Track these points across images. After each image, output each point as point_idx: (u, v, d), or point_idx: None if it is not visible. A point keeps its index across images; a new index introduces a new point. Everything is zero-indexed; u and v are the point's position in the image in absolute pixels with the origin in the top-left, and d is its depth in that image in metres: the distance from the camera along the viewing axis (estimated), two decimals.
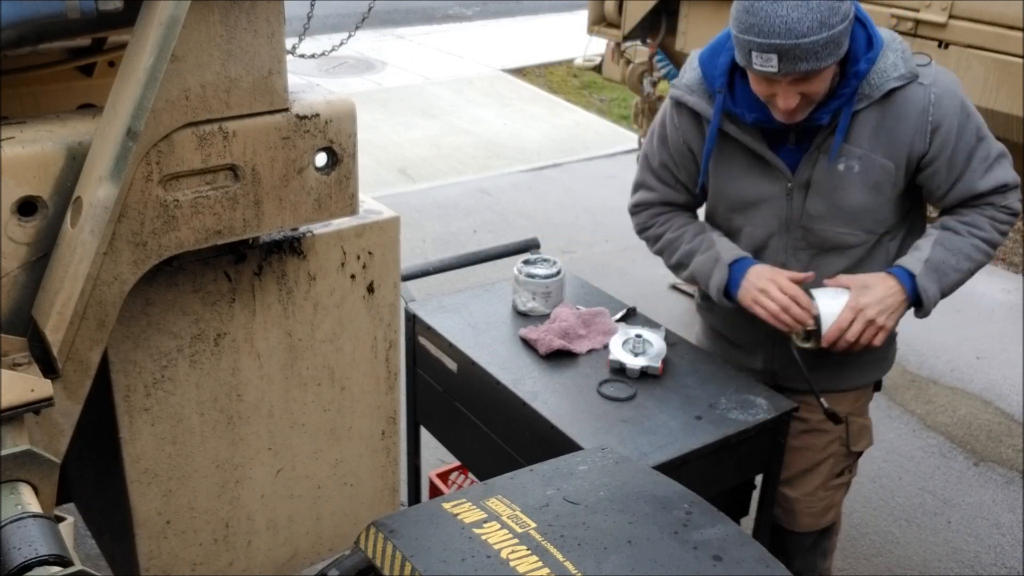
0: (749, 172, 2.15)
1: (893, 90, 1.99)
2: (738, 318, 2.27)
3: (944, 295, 2.12)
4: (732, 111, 2.08)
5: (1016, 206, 2.12)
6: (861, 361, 2.28)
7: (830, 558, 2.59)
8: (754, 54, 1.87)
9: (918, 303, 2.10)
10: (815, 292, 2.12)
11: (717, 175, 2.20)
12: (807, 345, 2.14)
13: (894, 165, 2.05)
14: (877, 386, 2.43)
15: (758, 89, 1.98)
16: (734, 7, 1.90)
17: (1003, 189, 2.10)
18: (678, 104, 2.19)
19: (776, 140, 2.11)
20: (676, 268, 2.35)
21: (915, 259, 2.10)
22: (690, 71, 2.17)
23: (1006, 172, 2.10)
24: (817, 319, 2.09)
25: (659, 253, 2.38)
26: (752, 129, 2.10)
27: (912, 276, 2.09)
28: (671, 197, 2.32)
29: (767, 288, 2.11)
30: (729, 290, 2.19)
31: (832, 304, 2.09)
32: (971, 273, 2.14)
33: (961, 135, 2.03)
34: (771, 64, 1.86)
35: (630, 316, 2.47)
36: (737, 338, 2.38)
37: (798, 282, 2.13)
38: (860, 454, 2.44)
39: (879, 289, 2.09)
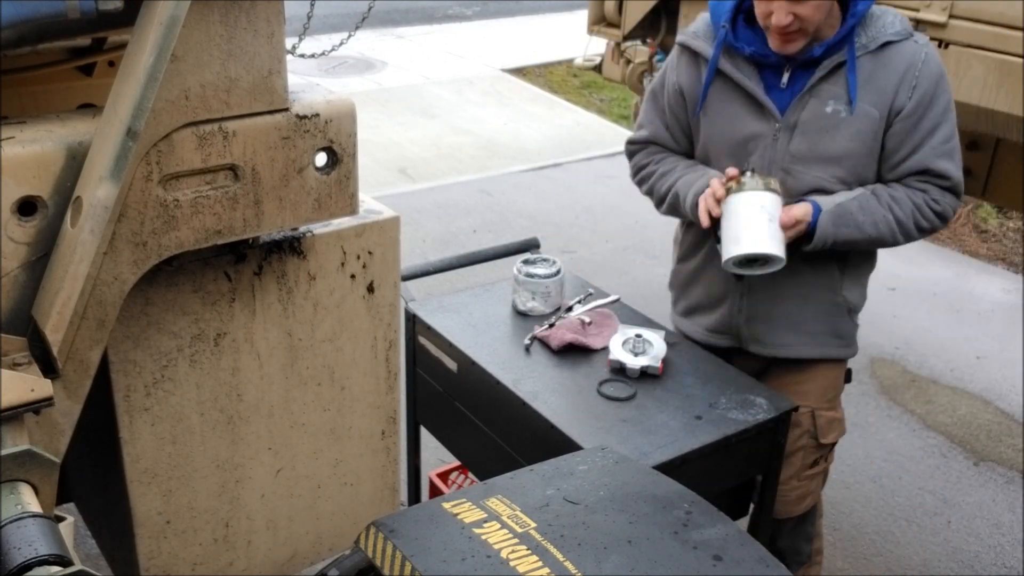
0: (740, 113, 2.23)
1: (887, 44, 2.10)
2: (706, 273, 2.40)
3: (835, 245, 2.17)
4: (732, 45, 2.18)
5: (945, 210, 2.18)
6: (813, 331, 2.36)
7: (816, 540, 2.66)
8: None
9: (810, 236, 2.16)
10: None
11: (709, 115, 2.28)
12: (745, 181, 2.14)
13: (878, 113, 2.12)
14: (847, 378, 2.50)
15: (758, 8, 2.09)
16: None
17: (947, 181, 2.15)
18: (681, 48, 2.31)
19: (770, 83, 2.20)
20: (662, 199, 2.39)
21: (830, 199, 2.16)
22: (698, 20, 2.29)
23: (957, 166, 2.16)
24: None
25: (649, 187, 2.43)
26: (748, 68, 2.20)
27: (819, 211, 2.15)
28: (661, 136, 2.40)
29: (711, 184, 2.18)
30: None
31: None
32: (870, 242, 2.20)
33: (934, 103, 2.11)
34: None
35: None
36: (704, 295, 2.44)
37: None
38: (833, 445, 2.51)
39: (797, 209, 2.13)
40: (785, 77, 2.18)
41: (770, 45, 2.13)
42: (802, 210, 2.13)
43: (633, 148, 2.47)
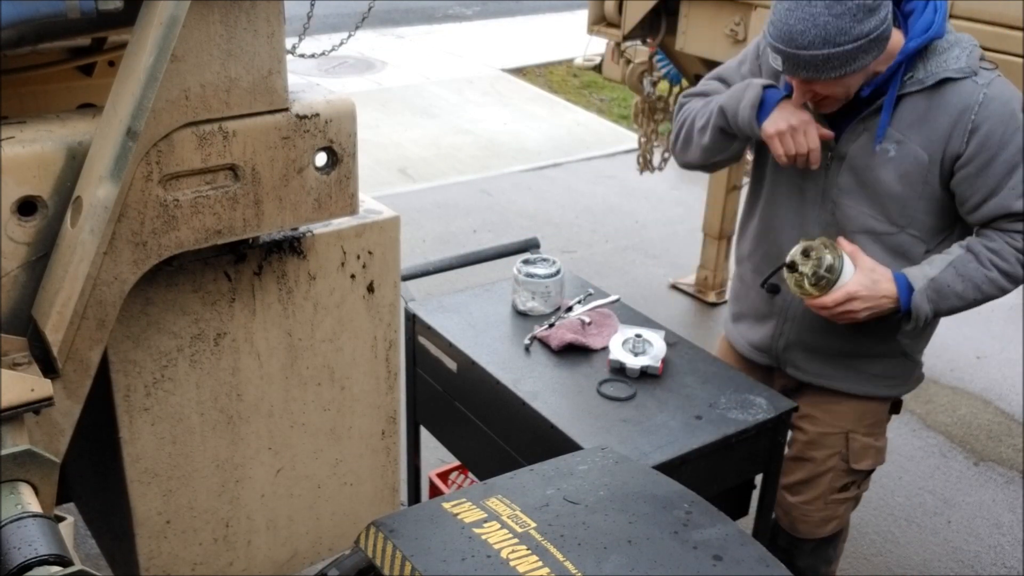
0: None
1: (945, 81, 1.94)
2: (760, 293, 2.28)
3: (940, 316, 2.09)
4: None
5: None
6: (864, 370, 2.27)
7: (834, 565, 2.59)
8: (768, 45, 1.93)
9: (908, 315, 2.06)
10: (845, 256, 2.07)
11: None
12: (799, 288, 2.10)
13: (928, 158, 1.99)
14: (895, 408, 2.39)
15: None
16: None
17: None
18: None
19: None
20: (704, 128, 2.21)
21: (922, 274, 2.04)
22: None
23: None
24: (831, 276, 2.05)
25: (689, 123, 2.27)
26: None
27: (911, 290, 2.03)
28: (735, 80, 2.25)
29: (797, 128, 2.04)
30: (760, 113, 2.08)
31: (846, 275, 2.05)
32: (979, 303, 2.06)
33: (1004, 145, 1.93)
34: (777, 63, 1.93)
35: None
36: (755, 305, 2.35)
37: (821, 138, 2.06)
38: (868, 472, 2.41)
39: (880, 288, 2.04)
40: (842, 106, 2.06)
41: None
42: (883, 290, 2.04)
43: (684, 99, 2.34)
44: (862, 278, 2.04)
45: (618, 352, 2.22)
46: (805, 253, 2.07)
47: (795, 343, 2.29)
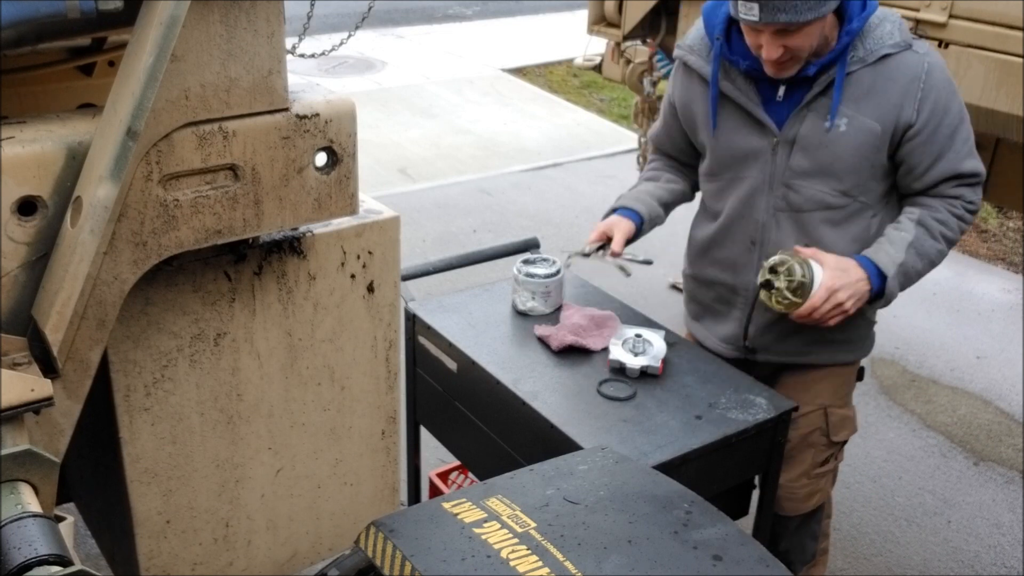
0: (738, 128, 2.24)
1: (887, 55, 2.07)
2: (719, 285, 2.43)
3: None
4: (728, 58, 2.18)
5: (978, 204, 2.20)
6: (825, 339, 2.35)
7: (823, 541, 2.65)
8: (739, 2, 1.98)
9: (879, 296, 2.18)
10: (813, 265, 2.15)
11: (710, 131, 2.31)
12: (780, 304, 2.17)
13: (880, 128, 2.11)
14: (859, 376, 2.50)
15: (748, 39, 2.09)
16: None
17: (976, 179, 2.17)
18: (680, 64, 2.35)
19: (766, 96, 2.20)
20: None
21: (889, 260, 2.16)
22: (694, 29, 2.30)
23: (979, 162, 2.17)
24: (806, 281, 2.13)
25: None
26: (744, 83, 2.20)
27: (883, 277, 2.15)
28: (660, 140, 2.52)
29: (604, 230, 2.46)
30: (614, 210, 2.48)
31: (818, 277, 2.14)
32: (927, 272, 2.24)
33: (948, 110, 2.09)
34: (752, 13, 1.97)
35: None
36: (716, 301, 2.46)
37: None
38: (844, 443, 2.51)
39: (852, 274, 2.14)
40: (781, 91, 2.18)
41: (765, 70, 2.13)
42: (855, 275, 2.14)
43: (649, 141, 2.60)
44: (833, 272, 2.14)
45: (618, 352, 2.22)
46: (773, 270, 2.16)
47: (765, 327, 2.37)
